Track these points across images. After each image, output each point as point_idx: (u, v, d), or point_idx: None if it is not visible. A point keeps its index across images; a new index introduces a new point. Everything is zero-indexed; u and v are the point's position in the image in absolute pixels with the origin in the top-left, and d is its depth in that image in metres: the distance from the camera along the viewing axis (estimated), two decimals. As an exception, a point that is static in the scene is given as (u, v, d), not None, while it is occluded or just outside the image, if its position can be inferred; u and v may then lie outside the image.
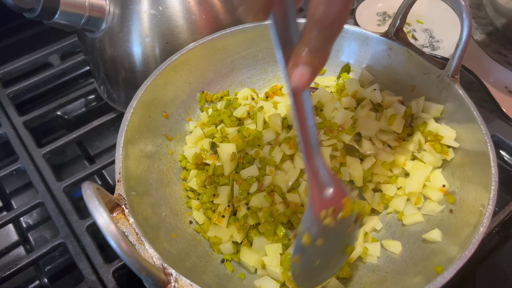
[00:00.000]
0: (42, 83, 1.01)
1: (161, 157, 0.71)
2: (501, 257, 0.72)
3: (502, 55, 1.04)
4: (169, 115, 0.74)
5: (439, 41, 1.06)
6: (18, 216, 0.75)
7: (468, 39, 0.64)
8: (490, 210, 0.55)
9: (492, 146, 0.61)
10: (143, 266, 0.44)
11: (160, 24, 0.73)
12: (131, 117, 0.65)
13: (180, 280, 0.49)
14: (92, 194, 0.43)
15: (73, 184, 0.78)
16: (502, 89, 0.93)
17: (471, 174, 0.64)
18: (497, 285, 0.69)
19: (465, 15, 0.62)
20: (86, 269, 0.68)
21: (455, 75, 0.69)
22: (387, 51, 0.77)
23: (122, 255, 0.42)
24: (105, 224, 0.42)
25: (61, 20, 0.70)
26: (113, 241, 0.42)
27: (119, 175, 0.58)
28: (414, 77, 0.75)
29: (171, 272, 0.49)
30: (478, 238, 0.52)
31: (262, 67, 0.84)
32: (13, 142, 0.85)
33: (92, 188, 0.43)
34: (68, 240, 0.71)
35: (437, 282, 0.49)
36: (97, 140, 0.96)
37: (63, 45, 1.05)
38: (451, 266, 0.50)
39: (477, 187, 0.61)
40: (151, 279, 0.46)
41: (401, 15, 0.73)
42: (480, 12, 1.15)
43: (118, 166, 0.59)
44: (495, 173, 0.58)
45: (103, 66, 0.80)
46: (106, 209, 0.42)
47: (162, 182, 0.69)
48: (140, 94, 0.67)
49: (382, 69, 0.79)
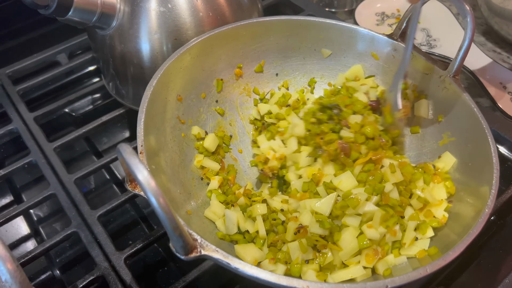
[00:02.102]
0: (50, 81, 1.03)
1: (174, 138, 0.73)
2: (498, 244, 0.74)
3: (497, 53, 1.08)
4: (183, 99, 0.76)
5: (436, 39, 1.09)
6: (31, 207, 0.77)
7: (470, 42, 0.68)
8: (494, 194, 0.58)
9: (493, 140, 0.65)
10: (178, 225, 0.45)
11: (169, 21, 0.76)
12: (150, 95, 0.66)
13: (206, 245, 0.49)
14: (132, 152, 0.43)
15: (84, 176, 0.81)
16: (497, 85, 0.96)
17: (471, 164, 0.68)
18: (495, 271, 0.72)
19: (469, 19, 0.66)
20: (98, 256, 0.70)
21: (457, 76, 0.72)
22: (392, 52, 0.80)
23: (159, 211, 0.43)
24: (146, 180, 0.42)
25: (74, 17, 0.72)
26: (153, 197, 0.42)
27: (141, 147, 0.60)
28: (417, 77, 0.78)
29: (196, 238, 0.50)
30: (485, 217, 0.55)
31: (272, 60, 0.86)
32: (24, 137, 0.87)
33: (131, 148, 0.44)
34: (80, 229, 0.73)
35: (448, 256, 0.52)
36: (105, 136, 0.98)
37: (71, 45, 1.07)
38: (460, 242, 0.53)
39: (478, 173, 0.64)
40: (182, 240, 0.47)
41: (408, 19, 0.76)
42: (475, 12, 1.19)
43: (140, 139, 0.60)
44: (496, 163, 0.62)
45: (113, 62, 0.83)
46: (146, 167, 0.43)
47: (175, 161, 0.71)
48: (159, 75, 0.68)
49: (387, 70, 0.82)
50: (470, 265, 0.72)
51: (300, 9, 1.14)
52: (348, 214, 0.63)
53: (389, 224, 0.62)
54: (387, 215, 0.63)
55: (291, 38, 0.84)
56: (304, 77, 0.87)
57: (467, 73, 0.96)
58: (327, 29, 0.82)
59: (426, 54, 0.76)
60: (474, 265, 0.72)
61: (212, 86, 0.81)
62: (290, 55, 0.86)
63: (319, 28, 0.82)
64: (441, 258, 0.52)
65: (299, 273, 0.60)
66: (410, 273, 0.50)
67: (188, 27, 0.77)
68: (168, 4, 0.75)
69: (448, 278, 0.70)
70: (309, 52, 0.85)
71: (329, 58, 0.85)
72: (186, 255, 0.48)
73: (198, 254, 0.49)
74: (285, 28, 0.82)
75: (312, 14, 1.10)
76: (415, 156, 0.78)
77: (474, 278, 0.71)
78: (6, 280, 0.42)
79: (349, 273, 0.59)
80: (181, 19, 0.76)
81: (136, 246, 0.70)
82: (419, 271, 0.50)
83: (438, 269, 0.51)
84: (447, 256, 0.52)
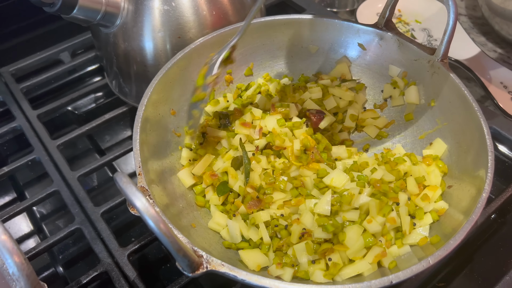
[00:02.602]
0: (53, 79, 1.04)
1: (172, 152, 0.74)
2: (499, 241, 0.75)
3: (498, 53, 1.08)
4: (176, 112, 0.77)
5: (436, 39, 1.10)
6: (35, 204, 0.78)
7: (454, 24, 0.68)
8: (490, 177, 0.58)
9: (483, 117, 0.65)
10: (181, 247, 0.46)
11: (173, 19, 0.76)
12: (143, 113, 0.67)
13: (211, 261, 0.51)
14: (128, 181, 0.44)
15: (87, 174, 0.81)
16: (498, 84, 0.97)
17: (466, 147, 0.68)
18: (495, 268, 0.73)
19: (451, 2, 0.67)
20: (102, 252, 0.70)
21: (444, 59, 0.73)
22: (378, 41, 0.81)
23: (161, 236, 0.44)
24: (144, 207, 0.43)
25: (79, 15, 0.73)
26: (153, 223, 0.43)
27: (139, 168, 0.61)
28: (406, 64, 0.79)
29: (201, 254, 0.51)
30: (482, 203, 0.56)
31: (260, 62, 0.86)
32: (27, 134, 0.88)
33: (127, 176, 0.45)
34: (84, 226, 0.74)
35: (449, 245, 0.52)
36: (107, 134, 0.99)
37: (74, 43, 1.08)
38: (460, 229, 0.54)
39: (474, 157, 0.65)
40: (187, 260, 0.48)
41: (390, 6, 0.77)
42: (476, 12, 1.19)
43: (137, 160, 0.61)
44: (490, 145, 0.62)
45: (116, 60, 0.83)
46: (143, 194, 0.44)
47: (175, 176, 0.71)
48: (149, 92, 0.69)
49: (375, 58, 0.83)
50: (471, 262, 0.72)
51: (302, 9, 1.14)
52: (346, 210, 0.64)
53: (385, 213, 0.63)
54: (382, 203, 0.63)
55: (276, 38, 0.84)
56: (295, 75, 0.88)
57: (468, 72, 0.96)
58: (311, 25, 0.83)
59: (413, 40, 0.77)
60: (475, 263, 0.73)
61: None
62: (278, 54, 0.86)
63: (303, 25, 0.83)
64: (443, 248, 0.52)
65: (307, 275, 0.61)
66: (414, 267, 0.50)
67: (191, 25, 0.77)
68: (172, 3, 0.76)
69: (449, 275, 0.71)
70: (296, 49, 0.86)
71: (317, 53, 0.86)
72: (193, 272, 0.50)
73: (204, 270, 0.50)
74: (269, 28, 0.83)
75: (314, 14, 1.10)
76: (411, 143, 0.79)
77: (475, 275, 0.71)
78: (14, 272, 0.42)
79: (356, 269, 0.60)
80: (184, 18, 0.77)
81: (140, 243, 0.70)
82: (422, 263, 0.51)
83: (440, 259, 0.52)
84: (448, 245, 0.53)
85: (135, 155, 0.62)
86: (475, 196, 0.59)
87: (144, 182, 0.59)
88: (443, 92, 0.74)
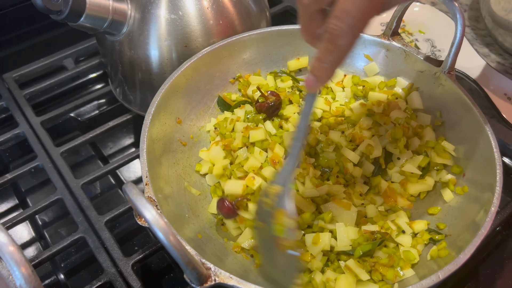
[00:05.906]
0: (56, 86, 1.03)
1: (178, 162, 0.74)
2: (504, 254, 0.75)
3: (501, 64, 1.09)
4: (182, 121, 0.77)
5: (440, 50, 1.10)
6: (38, 212, 0.77)
7: (462, 37, 0.69)
8: (499, 191, 0.59)
9: (491, 130, 0.65)
10: (190, 260, 0.46)
11: (179, 28, 0.76)
12: (150, 123, 0.67)
13: (219, 273, 0.51)
14: (138, 193, 0.44)
15: (91, 181, 0.81)
16: (501, 95, 0.97)
17: (473, 160, 0.69)
18: (500, 281, 0.72)
19: (459, 15, 0.67)
20: (105, 262, 0.70)
21: (451, 71, 0.73)
22: (385, 53, 0.81)
23: (171, 249, 0.44)
24: (154, 219, 0.43)
25: (86, 23, 0.73)
26: (163, 236, 0.43)
27: (146, 178, 0.60)
28: (412, 75, 0.79)
29: (209, 267, 0.51)
30: (491, 217, 0.56)
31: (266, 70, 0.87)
32: (31, 140, 0.87)
33: (136, 187, 0.45)
34: (87, 235, 0.73)
35: (459, 259, 0.53)
36: (110, 141, 0.98)
37: (77, 50, 1.07)
38: (470, 243, 0.53)
39: (481, 170, 0.66)
40: (196, 273, 0.48)
41: (397, 18, 0.78)
42: (479, 24, 1.20)
43: (144, 170, 0.61)
44: (498, 158, 0.62)
45: (121, 68, 0.83)
46: (153, 206, 0.44)
47: (181, 185, 0.71)
48: (156, 102, 0.70)
49: (380, 70, 0.83)
50: (476, 275, 0.72)
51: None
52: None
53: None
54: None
55: (283, 48, 0.85)
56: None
57: (472, 83, 0.97)
58: None
59: (419, 52, 0.78)
60: (480, 275, 0.72)
61: (210, 103, 0.82)
62: (284, 64, 0.86)
63: None
64: (453, 262, 0.52)
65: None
66: (424, 281, 0.50)
67: (198, 34, 0.77)
68: (179, 12, 0.76)
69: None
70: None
71: None
72: (201, 285, 0.49)
73: (213, 283, 0.50)
74: (276, 38, 0.83)
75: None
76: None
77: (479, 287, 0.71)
78: (21, 285, 0.42)
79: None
80: (191, 27, 0.77)
81: (144, 252, 0.70)
82: (431, 278, 0.51)
83: (450, 274, 0.52)
84: (458, 259, 0.53)
85: (142, 165, 0.62)
86: (484, 210, 0.58)
87: (151, 192, 0.59)
88: (449, 104, 0.74)
